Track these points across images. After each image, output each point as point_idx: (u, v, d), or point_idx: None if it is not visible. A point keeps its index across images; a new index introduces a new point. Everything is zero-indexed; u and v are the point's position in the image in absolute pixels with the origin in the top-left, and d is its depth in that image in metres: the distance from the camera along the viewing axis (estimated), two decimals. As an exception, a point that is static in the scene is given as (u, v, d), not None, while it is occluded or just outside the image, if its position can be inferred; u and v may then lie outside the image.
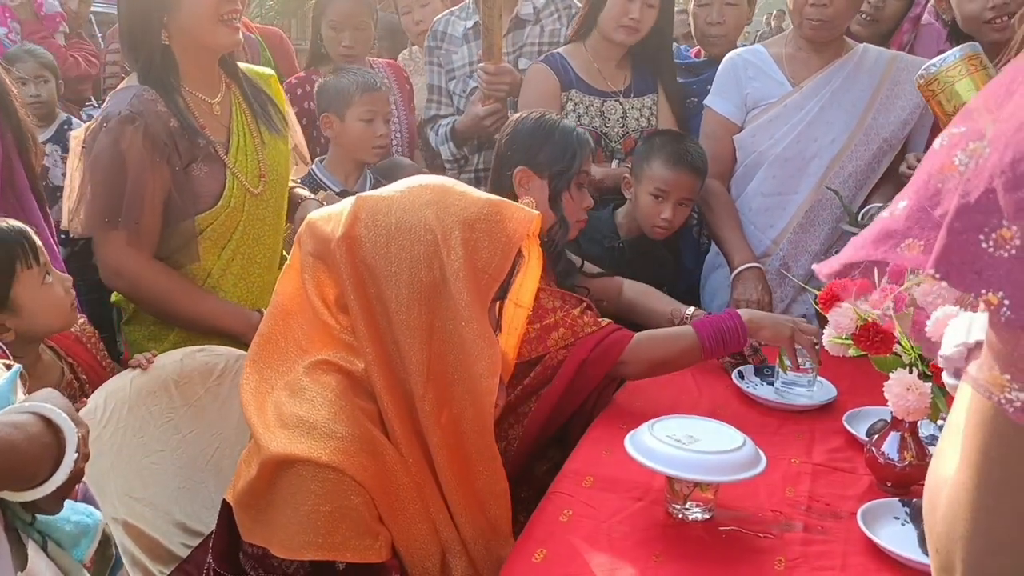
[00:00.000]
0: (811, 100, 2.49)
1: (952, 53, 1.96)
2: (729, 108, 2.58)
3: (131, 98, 1.97)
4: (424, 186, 1.43)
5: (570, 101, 2.67)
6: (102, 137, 1.96)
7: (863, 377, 1.85)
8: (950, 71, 1.95)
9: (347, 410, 1.36)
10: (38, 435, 1.02)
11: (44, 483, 1.02)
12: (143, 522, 1.70)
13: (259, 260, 2.17)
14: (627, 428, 1.56)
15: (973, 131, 0.62)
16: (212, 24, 1.99)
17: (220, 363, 1.95)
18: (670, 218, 2.42)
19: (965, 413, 0.65)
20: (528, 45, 2.93)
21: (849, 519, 1.47)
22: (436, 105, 3.06)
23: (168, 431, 1.84)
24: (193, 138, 2.02)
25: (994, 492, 0.60)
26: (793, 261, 2.54)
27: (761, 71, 2.55)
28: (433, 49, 3.03)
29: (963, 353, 0.82)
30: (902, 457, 1.54)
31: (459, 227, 1.36)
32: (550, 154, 2.03)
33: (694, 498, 1.46)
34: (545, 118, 2.09)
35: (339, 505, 1.30)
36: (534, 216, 1.44)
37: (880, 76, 2.48)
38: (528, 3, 2.98)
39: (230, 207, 2.08)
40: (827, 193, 2.47)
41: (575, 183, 2.04)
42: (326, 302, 1.42)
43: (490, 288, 1.39)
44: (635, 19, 2.56)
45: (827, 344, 1.67)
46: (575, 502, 1.52)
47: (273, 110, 2.24)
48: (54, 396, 1.11)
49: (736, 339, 1.90)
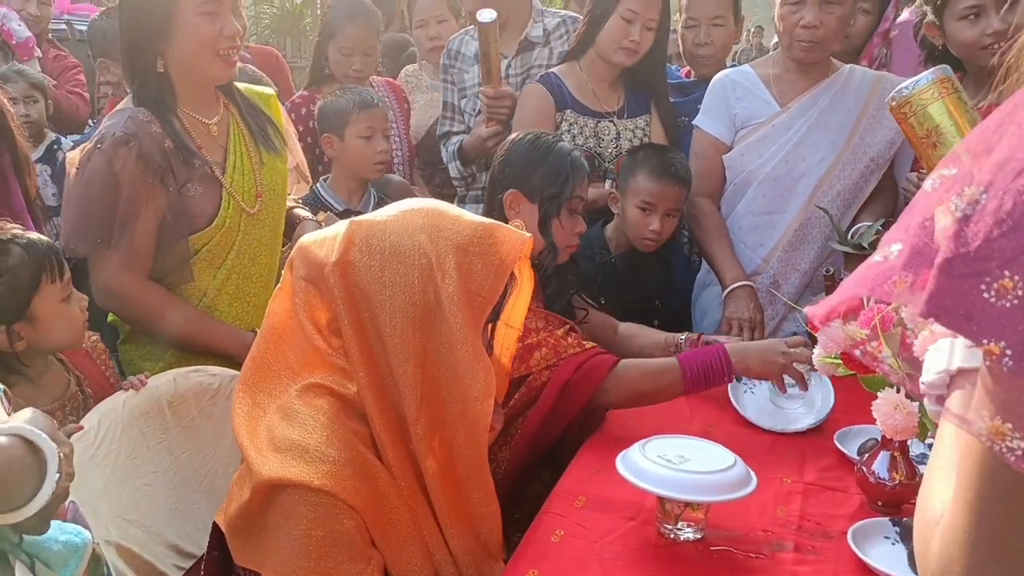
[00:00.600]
0: (799, 120, 2.51)
1: (924, 76, 1.99)
2: (718, 128, 2.60)
3: (126, 120, 1.99)
4: (417, 210, 1.44)
5: (564, 121, 2.69)
6: (96, 158, 1.97)
7: (855, 395, 1.86)
8: (922, 94, 1.98)
9: (340, 433, 1.36)
10: (18, 457, 1.02)
11: (26, 505, 1.02)
12: (136, 544, 1.70)
13: (255, 279, 2.17)
14: (619, 448, 1.56)
15: (964, 174, 0.63)
16: (209, 58, 2.01)
17: (214, 384, 1.95)
18: (659, 229, 2.45)
19: (954, 449, 0.65)
20: (536, 67, 2.96)
21: (840, 539, 1.47)
22: (449, 122, 3.11)
23: (161, 452, 1.84)
24: (188, 159, 2.03)
25: (991, 535, 0.60)
26: (783, 279, 2.55)
27: (749, 91, 2.58)
28: (447, 67, 3.09)
29: (945, 380, 0.82)
30: (892, 477, 1.55)
31: (453, 251, 1.37)
32: (542, 178, 2.02)
33: (685, 518, 1.47)
34: (540, 140, 2.08)
35: (331, 529, 1.30)
36: (526, 239, 1.45)
37: (866, 96, 2.51)
38: (539, 25, 3.01)
39: (225, 227, 2.09)
40: (816, 212, 2.49)
41: (567, 208, 2.03)
42: (317, 326, 1.43)
43: (484, 311, 1.40)
44: (635, 41, 2.58)
45: (817, 364, 1.68)
46: (567, 522, 1.52)
47: (272, 130, 2.25)
48: (35, 416, 1.11)
49: (720, 377, 1.87)
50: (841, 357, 1.57)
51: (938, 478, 0.69)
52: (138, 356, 2.13)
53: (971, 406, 0.63)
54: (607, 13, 2.60)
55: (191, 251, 2.06)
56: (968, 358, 0.79)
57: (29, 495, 1.03)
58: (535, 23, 3.01)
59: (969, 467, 0.62)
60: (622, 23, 2.58)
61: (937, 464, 0.71)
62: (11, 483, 1.01)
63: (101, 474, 1.69)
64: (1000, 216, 0.57)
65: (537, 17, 3.03)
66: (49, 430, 1.08)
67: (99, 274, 2.03)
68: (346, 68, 3.10)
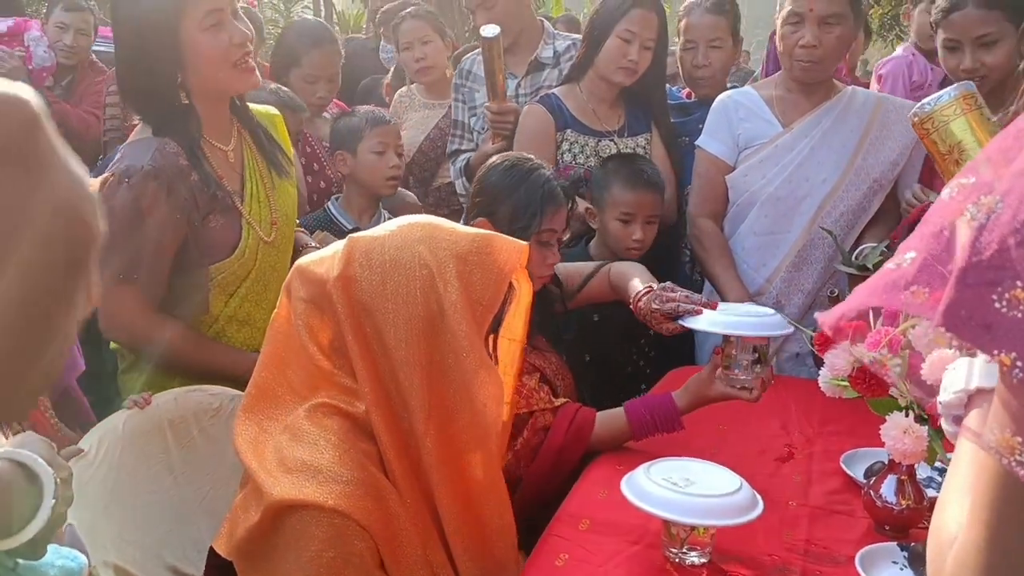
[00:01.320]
0: (802, 141, 2.51)
1: (947, 92, 1.99)
2: (721, 149, 2.60)
3: (153, 152, 1.91)
4: (413, 224, 1.45)
5: (565, 141, 2.70)
6: (123, 192, 1.88)
7: (861, 417, 1.85)
8: (944, 110, 1.97)
9: (351, 453, 1.36)
10: (13, 482, 1.01)
11: (22, 531, 1.01)
12: (134, 565, 1.68)
13: (265, 305, 2.11)
14: (623, 470, 1.55)
15: (982, 183, 0.62)
16: (227, 73, 1.96)
17: (214, 403, 1.94)
18: (641, 238, 2.46)
19: (970, 468, 0.64)
20: (545, 88, 2.97)
21: (847, 564, 1.45)
22: (459, 140, 3.14)
23: (161, 472, 1.83)
24: (213, 191, 1.97)
25: (1007, 553, 0.59)
26: (786, 300, 2.54)
27: (752, 112, 2.58)
28: (459, 86, 3.13)
29: (963, 400, 0.81)
30: (899, 501, 1.54)
31: (453, 260, 1.38)
32: (511, 210, 1.96)
33: (691, 542, 1.45)
34: (514, 168, 2.01)
35: (343, 551, 1.29)
36: (523, 247, 1.45)
37: (868, 118, 2.52)
38: (549, 47, 3.04)
39: (244, 257, 2.05)
40: (819, 232, 2.49)
41: (535, 241, 1.93)
42: (320, 346, 1.42)
43: (485, 319, 1.41)
44: (633, 60, 2.61)
45: (823, 385, 1.67)
46: (571, 546, 1.50)
47: (280, 153, 2.21)
48: (33, 440, 1.10)
49: (670, 425, 1.84)
50: (849, 380, 1.56)
51: (952, 499, 0.68)
52: (142, 385, 2.02)
53: (987, 421, 0.62)
54: (605, 34, 2.62)
55: (208, 282, 2.02)
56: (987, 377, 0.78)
57: (25, 521, 1.02)
58: (546, 44, 3.05)
59: (985, 484, 0.61)
60: (620, 43, 2.60)
61: (952, 485, 0.70)
62: (6, 509, 1.00)
63: (100, 494, 1.67)
64: (1015, 225, 0.56)
65: (548, 39, 3.06)
66: (47, 454, 1.07)
67: (113, 309, 1.93)
68: (310, 96, 3.07)
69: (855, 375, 1.58)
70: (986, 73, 2.30)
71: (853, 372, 1.58)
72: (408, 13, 3.55)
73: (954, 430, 0.82)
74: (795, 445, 1.95)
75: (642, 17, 2.59)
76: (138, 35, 1.94)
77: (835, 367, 1.63)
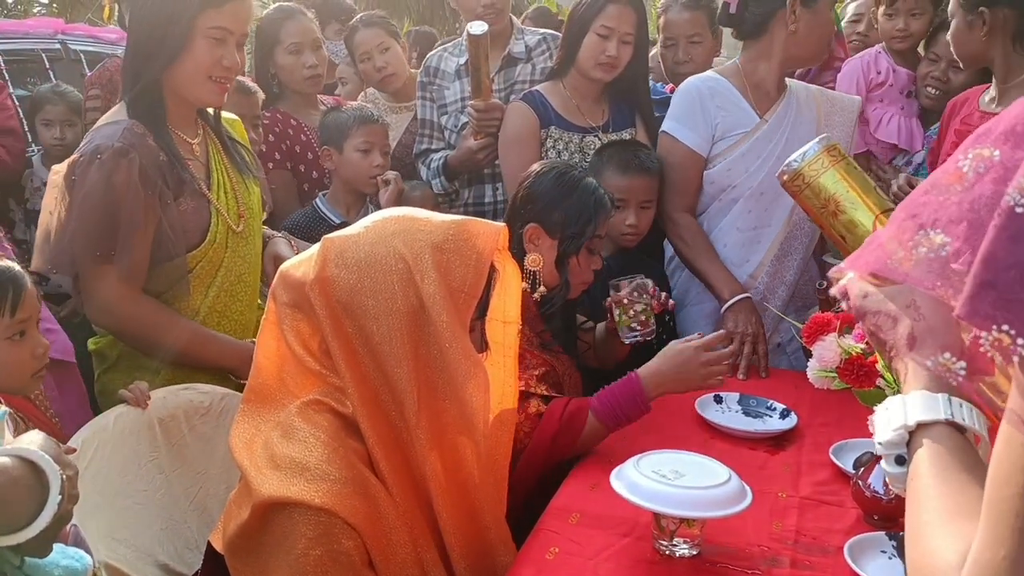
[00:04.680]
0: (778, 131, 2.50)
1: (811, 147, 2.06)
2: (694, 139, 2.52)
3: (122, 131, 1.95)
4: (388, 218, 1.44)
5: (549, 138, 2.69)
6: (94, 171, 1.91)
7: (849, 409, 1.86)
8: (812, 164, 2.04)
9: (340, 452, 1.35)
10: (20, 478, 1.02)
11: (28, 527, 1.01)
12: (125, 564, 1.68)
13: (241, 298, 2.16)
14: (613, 464, 1.55)
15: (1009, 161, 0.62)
16: (202, 81, 2.01)
17: (205, 401, 1.94)
18: (635, 223, 2.46)
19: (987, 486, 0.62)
20: (519, 83, 2.98)
21: (836, 553, 1.46)
22: (428, 139, 3.10)
23: (152, 471, 1.82)
24: (181, 173, 2.01)
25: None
26: (771, 293, 2.54)
27: (729, 101, 2.51)
28: (426, 84, 3.09)
29: (904, 437, 0.82)
30: (888, 491, 1.54)
31: (429, 251, 1.37)
32: (565, 215, 2.01)
33: (681, 534, 1.45)
34: (566, 176, 2.07)
35: (330, 549, 1.29)
36: (500, 228, 1.45)
37: (816, 109, 2.55)
38: (520, 41, 3.03)
39: (215, 243, 2.08)
40: (799, 223, 2.50)
41: (586, 247, 2.02)
42: (309, 349, 1.42)
43: (468, 307, 1.40)
44: (612, 56, 2.60)
45: (812, 377, 1.68)
46: (561, 539, 1.51)
47: (245, 152, 2.27)
48: (40, 438, 1.10)
49: (637, 409, 1.83)
50: (837, 371, 1.57)
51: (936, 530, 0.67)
52: (123, 384, 1.99)
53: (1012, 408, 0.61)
54: (583, 31, 2.62)
55: (187, 267, 2.04)
56: (927, 410, 0.79)
57: (30, 517, 1.02)
58: (516, 40, 3.04)
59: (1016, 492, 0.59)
60: (598, 39, 2.59)
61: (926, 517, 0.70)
62: (12, 504, 1.01)
63: (91, 493, 1.66)
64: None
65: (518, 34, 3.05)
66: (53, 452, 1.07)
67: (97, 291, 1.97)
68: (299, 70, 3.05)
69: (843, 367, 1.58)
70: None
71: (841, 364, 1.59)
72: (360, 22, 3.47)
73: (895, 471, 0.82)
74: (784, 437, 1.95)
75: (618, 12, 2.58)
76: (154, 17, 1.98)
77: (824, 359, 1.64)
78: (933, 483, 0.71)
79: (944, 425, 0.78)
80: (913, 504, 0.73)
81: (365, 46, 3.39)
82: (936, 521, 0.66)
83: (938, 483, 0.71)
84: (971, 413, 0.78)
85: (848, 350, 1.59)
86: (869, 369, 1.54)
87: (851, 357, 1.58)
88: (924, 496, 0.70)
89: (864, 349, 1.57)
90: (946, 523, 0.66)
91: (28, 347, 1.63)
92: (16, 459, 1.03)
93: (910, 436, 0.81)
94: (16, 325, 1.60)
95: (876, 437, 0.82)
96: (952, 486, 0.70)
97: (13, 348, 1.60)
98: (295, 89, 3.11)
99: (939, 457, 0.74)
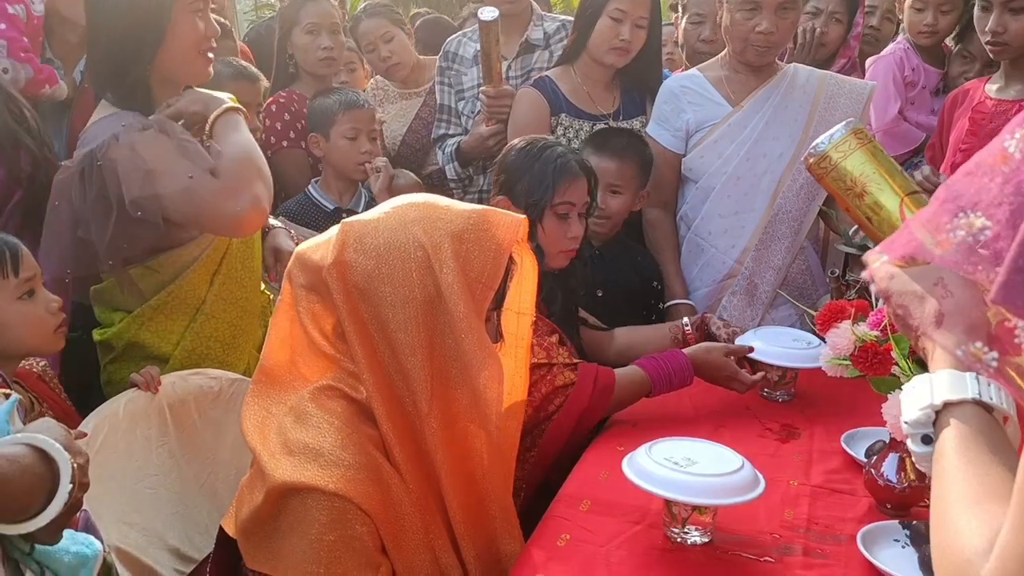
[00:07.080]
0: (754, 117, 2.52)
1: (837, 130, 2.04)
2: (666, 137, 2.58)
3: (121, 126, 1.92)
4: (409, 204, 1.43)
5: (560, 125, 2.68)
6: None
7: (861, 397, 1.85)
8: (839, 147, 2.01)
9: (353, 437, 1.35)
10: (31, 466, 1.01)
11: (38, 515, 1.01)
12: (136, 548, 1.69)
13: (246, 284, 2.14)
14: (624, 450, 1.55)
15: None
16: (194, 57, 2.00)
17: (215, 386, 1.94)
18: (604, 207, 2.40)
19: None
20: (536, 69, 2.95)
21: (849, 542, 1.45)
22: (445, 124, 3.09)
23: (162, 455, 1.83)
24: None
25: None
26: (759, 278, 2.54)
27: (700, 95, 2.56)
28: (444, 69, 3.07)
29: (931, 416, 0.81)
30: (901, 479, 1.54)
31: (448, 240, 1.36)
32: (527, 185, 2.01)
33: (693, 521, 1.45)
34: (529, 147, 2.06)
35: (343, 534, 1.29)
36: (520, 220, 1.45)
37: (814, 92, 2.53)
38: (539, 28, 3.00)
39: None
40: (784, 207, 2.50)
41: (552, 213, 1.99)
42: (324, 333, 1.42)
43: (485, 298, 1.40)
44: (625, 40, 2.57)
45: (825, 365, 1.67)
46: (572, 526, 1.50)
47: None
48: (51, 426, 1.10)
49: (681, 375, 1.96)
50: (851, 359, 1.56)
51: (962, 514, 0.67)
52: (128, 375, 1.95)
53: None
54: (596, 14, 2.59)
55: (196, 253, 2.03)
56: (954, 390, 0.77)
57: (41, 505, 1.02)
58: (535, 26, 3.00)
59: None
60: (611, 23, 2.57)
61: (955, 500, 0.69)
62: (23, 493, 1.00)
63: (101, 478, 1.65)
64: None
65: (537, 21, 3.02)
66: (64, 440, 1.07)
67: None
68: (314, 51, 3.03)
69: (857, 354, 1.57)
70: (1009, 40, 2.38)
71: (855, 351, 1.58)
72: (363, 12, 3.43)
73: (922, 451, 0.81)
74: (796, 425, 1.95)
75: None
76: (131, 8, 1.95)
77: (837, 346, 1.63)
78: (960, 463, 0.70)
79: (971, 404, 0.77)
80: (939, 485, 0.72)
81: (369, 36, 3.37)
82: (962, 503, 0.66)
83: (964, 464, 0.70)
84: (999, 392, 0.77)
85: (862, 337, 1.57)
86: (884, 357, 1.53)
87: (865, 344, 1.57)
88: (950, 477, 0.69)
89: (878, 336, 1.56)
90: (972, 505, 0.66)
91: (41, 304, 1.70)
92: (27, 447, 1.03)
93: (936, 415, 0.80)
94: (23, 284, 1.67)
95: (902, 416, 0.81)
96: (979, 467, 0.69)
97: (27, 307, 1.68)
98: (308, 70, 3.09)
99: (966, 437, 0.73)
